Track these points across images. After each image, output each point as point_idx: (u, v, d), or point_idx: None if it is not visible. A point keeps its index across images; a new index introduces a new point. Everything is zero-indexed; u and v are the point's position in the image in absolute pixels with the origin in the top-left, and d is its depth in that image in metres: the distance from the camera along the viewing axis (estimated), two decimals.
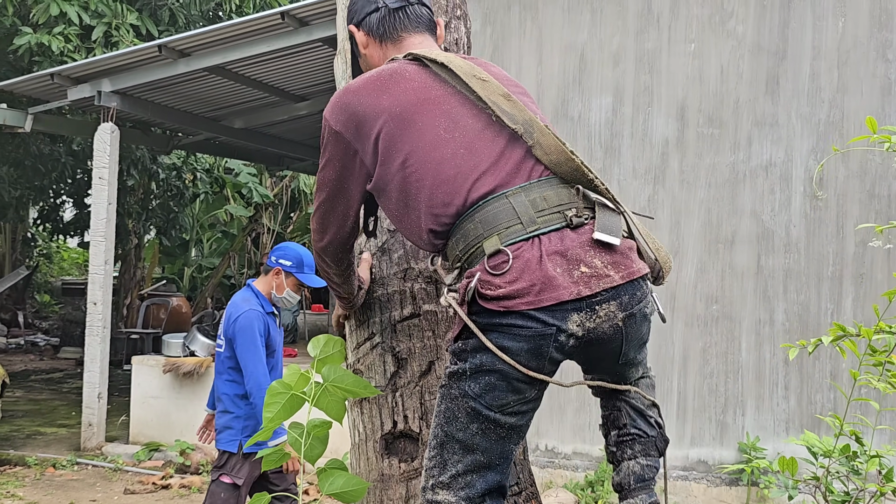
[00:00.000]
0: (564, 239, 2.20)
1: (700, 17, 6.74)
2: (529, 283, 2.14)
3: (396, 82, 2.34)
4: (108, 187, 8.73)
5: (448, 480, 2.27)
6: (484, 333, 2.17)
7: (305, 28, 7.79)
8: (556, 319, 2.14)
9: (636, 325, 2.29)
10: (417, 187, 2.27)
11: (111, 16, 10.12)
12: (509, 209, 2.22)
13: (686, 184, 6.74)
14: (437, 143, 2.27)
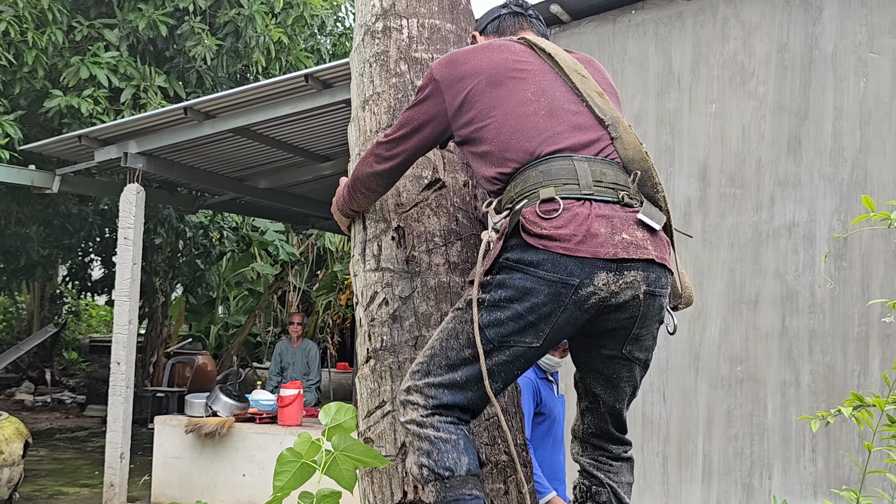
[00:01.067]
0: (613, 210, 2.40)
1: (721, 78, 6.75)
2: (572, 232, 2.34)
3: (501, 51, 2.65)
4: (133, 247, 8.79)
5: (423, 387, 2.46)
6: (507, 271, 2.39)
7: (329, 90, 7.87)
8: (584, 273, 2.33)
9: (653, 307, 2.47)
10: (495, 134, 2.52)
11: (139, 78, 10.27)
12: (571, 169, 2.43)
13: (709, 244, 6.70)
14: (522, 102, 2.53)
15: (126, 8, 10.47)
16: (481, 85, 2.58)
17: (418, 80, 2.99)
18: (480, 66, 2.60)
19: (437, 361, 2.48)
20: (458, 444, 2.42)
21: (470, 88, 2.58)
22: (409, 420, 2.47)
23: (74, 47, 10.58)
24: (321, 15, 11.43)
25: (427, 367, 2.49)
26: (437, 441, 2.41)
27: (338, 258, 17.06)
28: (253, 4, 10.46)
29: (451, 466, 2.39)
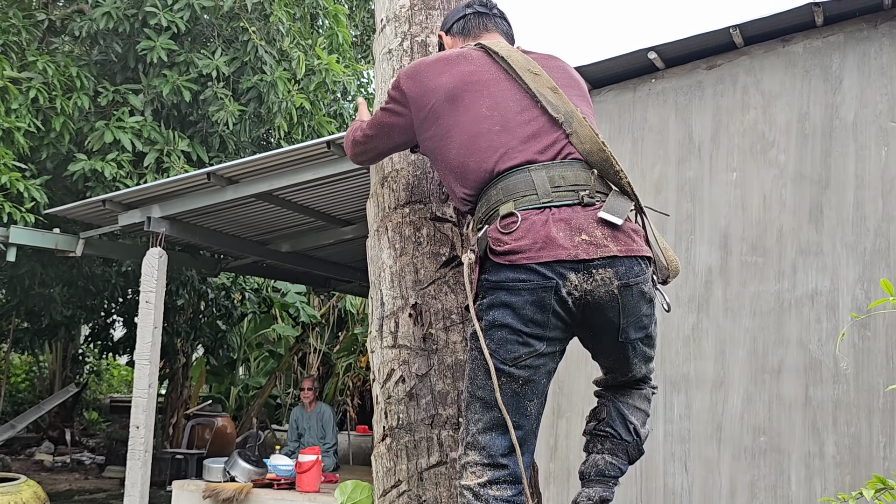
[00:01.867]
0: (573, 212, 2.52)
1: (741, 147, 6.75)
2: (532, 241, 2.46)
3: (459, 63, 2.76)
4: (155, 311, 8.82)
5: (472, 440, 2.50)
6: (492, 292, 2.50)
7: None
8: (555, 275, 2.45)
9: (632, 298, 2.56)
10: (455, 155, 2.65)
11: (163, 143, 10.38)
12: (529, 181, 2.54)
13: (731, 312, 6.66)
14: (477, 119, 2.64)
15: (151, 74, 10.61)
16: (441, 101, 2.70)
17: None
18: (441, 82, 2.73)
19: (473, 412, 2.52)
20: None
21: (432, 104, 2.71)
22: (466, 486, 2.50)
23: (100, 112, 10.72)
24: (343, 81, 11.55)
25: (466, 422, 2.53)
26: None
27: (358, 320, 17.06)
28: (276, 71, 10.58)
29: None
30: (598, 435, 2.81)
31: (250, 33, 10.55)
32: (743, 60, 6.87)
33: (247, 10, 10.40)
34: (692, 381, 6.73)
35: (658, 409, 6.80)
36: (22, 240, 9.28)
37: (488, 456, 2.47)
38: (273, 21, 10.58)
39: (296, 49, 10.90)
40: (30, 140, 9.95)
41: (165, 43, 10.25)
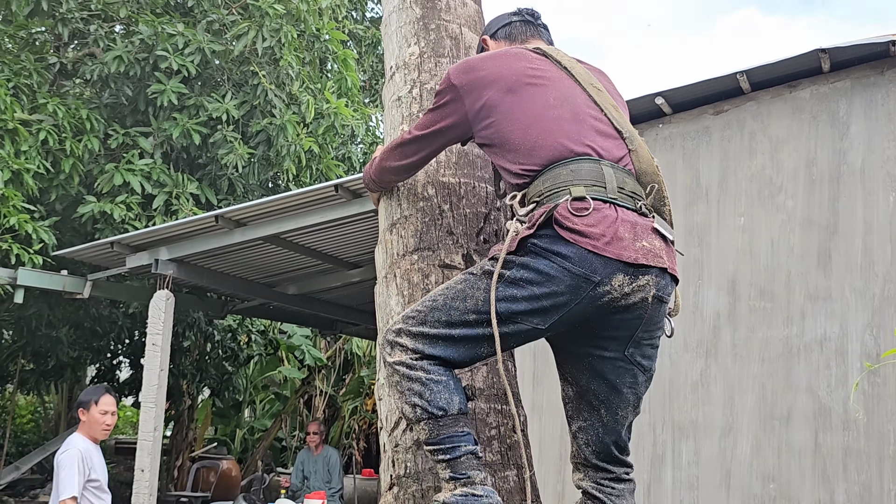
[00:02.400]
0: (635, 217, 2.55)
1: (749, 192, 6.76)
2: (602, 232, 2.47)
3: (515, 59, 2.78)
4: (161, 354, 8.81)
5: (416, 334, 2.55)
6: (535, 256, 2.50)
7: (358, 200, 7.94)
8: (605, 272, 2.47)
9: (657, 315, 2.61)
10: (522, 135, 2.64)
11: (172, 185, 10.43)
12: (599, 172, 2.57)
13: (739, 358, 6.62)
14: (546, 107, 2.67)
15: (161, 117, 10.68)
16: (500, 92, 2.70)
17: (446, 204, 3.02)
18: (498, 73, 2.73)
19: (436, 315, 2.56)
20: (448, 384, 2.52)
21: (489, 95, 2.71)
22: (397, 361, 2.56)
23: (110, 154, 10.78)
24: (352, 125, 11.62)
25: (424, 317, 2.57)
26: (429, 382, 2.51)
27: (365, 363, 17.01)
28: (285, 114, 10.65)
29: (443, 406, 2.50)
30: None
31: (260, 77, 10.63)
32: (750, 106, 6.90)
33: (257, 54, 10.48)
34: (700, 428, 6.69)
35: (666, 455, 6.75)
36: (30, 282, 9.29)
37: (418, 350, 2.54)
38: (283, 65, 10.67)
39: (305, 93, 10.98)
40: (39, 182, 10.00)
41: (176, 87, 10.33)
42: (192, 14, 11.25)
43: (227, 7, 11.02)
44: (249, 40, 10.30)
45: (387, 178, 3.06)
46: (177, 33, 10.48)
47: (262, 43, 10.29)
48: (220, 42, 10.75)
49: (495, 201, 3.09)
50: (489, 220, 3.02)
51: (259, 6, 10.28)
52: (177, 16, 11.10)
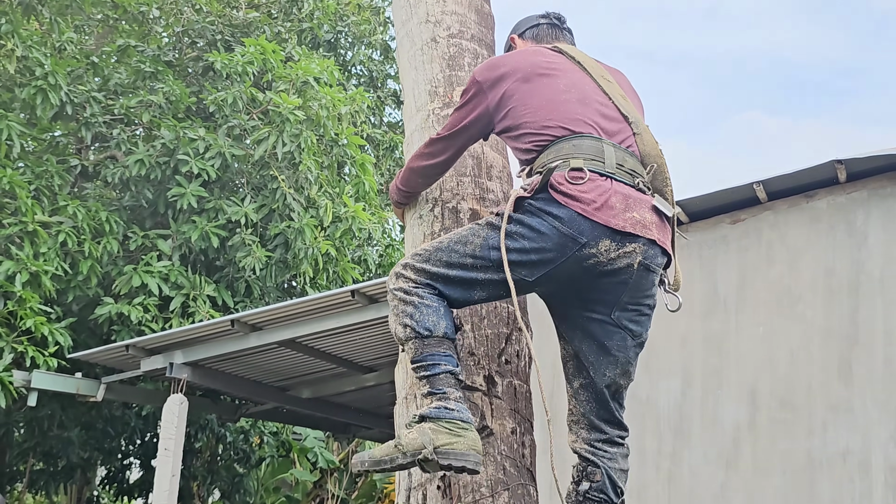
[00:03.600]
0: (630, 191, 2.78)
1: (767, 301, 6.72)
2: (593, 199, 2.71)
3: (532, 55, 3.07)
4: (174, 459, 8.72)
5: (420, 269, 2.82)
6: (530, 214, 2.77)
7: (374, 305, 7.94)
8: (592, 236, 2.70)
9: (644, 282, 2.82)
10: (532, 115, 2.90)
11: (189, 287, 10.46)
12: (599, 149, 2.81)
13: (760, 470, 6.50)
14: (556, 91, 2.93)
15: (180, 220, 10.78)
16: (517, 82, 2.97)
17: (467, 324, 3.03)
18: (516, 67, 3.01)
19: (439, 255, 2.83)
20: (438, 310, 2.77)
21: (508, 86, 2.97)
22: (397, 288, 2.84)
23: (128, 256, 10.85)
24: (369, 228, 11.70)
25: (428, 255, 2.84)
26: (421, 305, 2.77)
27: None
28: (303, 218, 10.74)
29: (430, 327, 2.74)
30: (592, 500, 2.91)
31: (279, 181, 10.75)
32: (767, 215, 6.91)
33: (277, 158, 10.62)
34: None
35: None
36: (44, 385, 9.27)
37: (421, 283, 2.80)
38: (302, 169, 10.79)
39: (323, 197, 11.09)
40: (57, 283, 10.04)
41: (196, 190, 10.45)
42: (213, 119, 11.45)
43: (248, 112, 11.20)
44: (270, 145, 10.45)
45: (414, 181, 3.29)
46: (198, 138, 10.65)
47: (282, 148, 10.43)
48: (240, 146, 10.92)
49: (517, 321, 3.07)
50: (511, 341, 3.00)
51: (280, 112, 10.45)
52: (198, 120, 11.28)
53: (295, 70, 10.98)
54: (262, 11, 12.97)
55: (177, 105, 11.33)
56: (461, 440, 2.61)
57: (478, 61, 3.53)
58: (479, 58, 3.56)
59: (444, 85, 3.44)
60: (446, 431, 2.62)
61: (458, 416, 2.64)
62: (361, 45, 13.79)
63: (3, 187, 9.78)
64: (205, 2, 12.39)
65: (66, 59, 11.67)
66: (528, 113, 2.92)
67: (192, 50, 12.63)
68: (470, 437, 2.64)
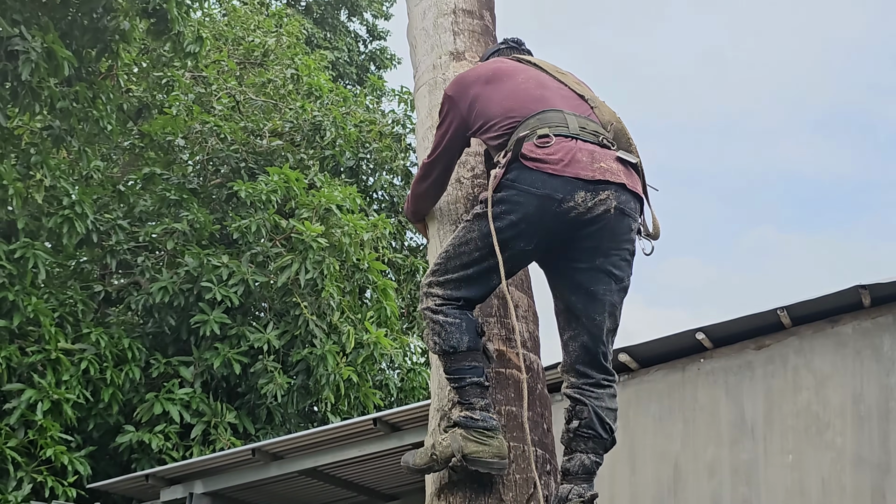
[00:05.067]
0: (595, 148, 3.10)
1: (796, 428, 6.63)
2: (560, 157, 3.02)
3: (493, 63, 3.51)
4: None
5: (443, 280, 3.13)
6: (507, 189, 3.05)
7: (397, 433, 7.88)
8: (566, 191, 2.99)
9: (621, 224, 3.08)
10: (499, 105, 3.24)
11: (210, 415, 10.43)
12: (563, 119, 3.15)
13: None
14: (517, 83, 3.31)
15: (203, 346, 10.80)
16: (482, 85, 3.33)
17: None
18: (479, 74, 3.40)
19: (452, 263, 3.12)
20: (461, 326, 3.07)
21: (474, 91, 3.33)
22: (426, 308, 3.14)
23: (150, 383, 10.85)
24: (391, 353, 11.69)
25: (445, 268, 3.14)
26: (446, 325, 3.07)
27: None
28: (325, 344, 10.75)
29: (454, 345, 3.05)
30: (582, 436, 3.15)
31: (302, 308, 10.80)
32: (792, 341, 6.87)
33: (299, 285, 10.68)
34: None
35: None
36: None
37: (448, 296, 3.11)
38: (325, 296, 10.85)
39: (345, 323, 11.11)
40: (78, 411, 10.03)
41: (219, 317, 10.51)
42: (236, 245, 11.57)
43: (272, 239, 11.33)
44: (293, 272, 10.54)
45: (420, 204, 3.66)
46: (221, 265, 10.76)
47: (304, 275, 10.51)
48: (263, 273, 11.00)
49: (545, 464, 3.05)
50: (538, 487, 2.96)
51: (303, 239, 10.56)
52: (221, 248, 11.41)
53: (318, 197, 11.15)
54: (285, 139, 13.20)
55: (201, 232, 11.48)
56: (487, 448, 2.93)
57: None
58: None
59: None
60: (474, 440, 2.95)
61: (482, 425, 2.96)
62: (383, 171, 14.00)
63: (28, 315, 9.86)
64: (229, 131, 12.65)
65: (93, 187, 11.90)
66: (493, 106, 3.26)
67: (216, 177, 12.85)
68: (494, 444, 2.95)
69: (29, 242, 10.06)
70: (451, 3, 4.01)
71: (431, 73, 3.93)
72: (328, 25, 21.50)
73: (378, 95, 17.02)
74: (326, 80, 14.65)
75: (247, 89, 13.83)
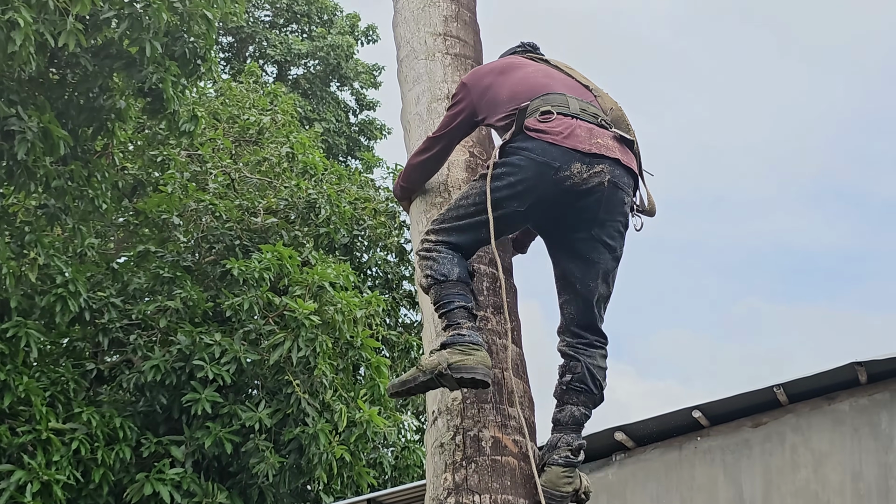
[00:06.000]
0: (593, 126, 3.43)
1: None
2: (560, 130, 3.36)
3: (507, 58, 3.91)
4: None
5: (438, 228, 3.48)
6: (510, 154, 3.41)
7: None
8: (564, 160, 3.31)
9: (615, 199, 3.40)
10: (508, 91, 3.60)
11: (201, 495, 10.29)
12: (564, 100, 3.49)
13: None
14: (526, 74, 3.68)
15: (194, 425, 10.69)
16: (495, 75, 3.71)
17: None
18: (494, 67, 3.82)
19: (450, 213, 3.47)
20: (452, 260, 3.39)
21: (489, 82, 3.69)
22: (421, 249, 3.47)
23: (141, 463, 10.71)
24: (384, 432, 11.57)
25: (444, 216, 3.49)
26: (439, 258, 3.40)
27: None
28: (318, 423, 10.65)
29: (445, 273, 3.36)
30: (574, 390, 3.46)
31: (294, 386, 10.71)
32: (789, 419, 6.84)
33: (292, 363, 10.62)
34: None
35: None
36: None
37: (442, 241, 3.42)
38: (317, 374, 10.77)
39: (338, 401, 11.02)
40: (68, 492, 9.88)
41: (210, 395, 10.41)
42: (229, 323, 11.52)
43: (265, 316, 11.29)
44: (285, 350, 10.47)
45: (413, 175, 3.94)
46: (214, 343, 10.69)
47: (297, 353, 10.44)
48: (255, 351, 10.94)
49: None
50: None
51: (296, 317, 10.52)
52: (214, 325, 11.37)
53: (311, 275, 11.13)
54: (279, 217, 13.24)
55: (194, 310, 11.44)
56: (471, 357, 3.14)
57: None
58: None
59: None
60: (459, 352, 3.16)
61: (468, 340, 3.19)
62: (377, 247, 14.02)
63: (19, 394, 9.76)
64: (224, 209, 12.67)
65: (87, 265, 11.87)
66: (503, 92, 3.62)
67: (210, 254, 12.85)
68: (479, 355, 3.17)
69: (21, 321, 10.01)
70: (445, 89, 4.07)
71: None
72: (316, 97, 21.70)
73: (369, 166, 17.16)
74: (321, 158, 14.75)
75: (242, 167, 13.91)
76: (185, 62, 10.55)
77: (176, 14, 10.09)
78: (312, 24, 23.06)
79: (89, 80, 10.19)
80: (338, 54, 21.84)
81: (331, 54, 21.78)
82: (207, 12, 10.23)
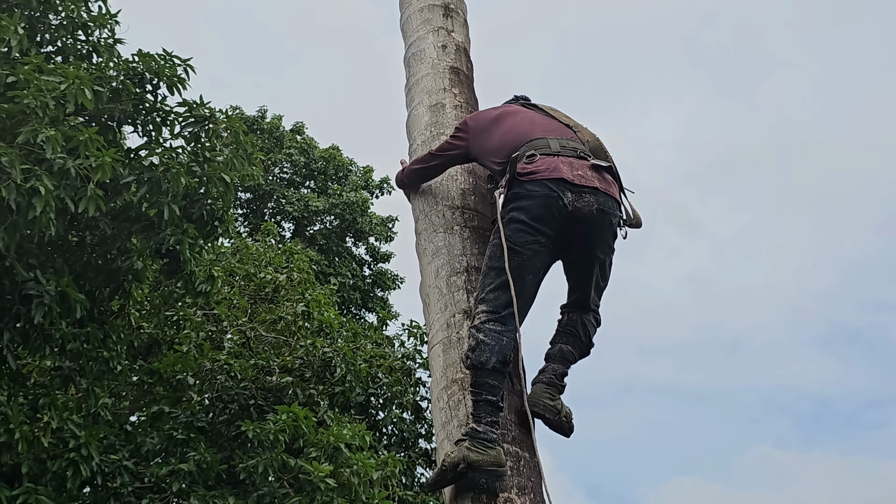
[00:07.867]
0: (573, 160, 4.12)
1: None
2: (545, 167, 4.05)
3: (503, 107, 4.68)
4: None
5: (484, 296, 3.92)
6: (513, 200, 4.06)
7: None
8: (559, 190, 3.99)
9: (603, 220, 4.13)
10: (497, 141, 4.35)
11: None
12: (546, 143, 4.19)
13: None
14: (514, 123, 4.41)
15: None
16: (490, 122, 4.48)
17: None
18: (489, 115, 4.57)
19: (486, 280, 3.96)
20: (493, 347, 3.77)
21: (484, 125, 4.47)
22: (473, 326, 3.89)
23: None
24: None
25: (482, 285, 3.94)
26: (481, 342, 3.79)
27: None
28: None
29: (482, 362, 3.75)
30: (566, 332, 4.34)
31: None
32: None
33: None
34: None
35: None
36: None
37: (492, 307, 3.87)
38: None
39: None
40: None
41: None
42: (243, 486, 11.29)
43: (279, 479, 11.07)
44: None
45: (412, 178, 4.80)
46: None
47: None
48: None
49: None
50: None
51: (311, 480, 10.32)
52: (227, 488, 11.13)
53: (326, 436, 10.97)
54: (294, 375, 13.13)
55: (207, 472, 11.22)
56: (486, 458, 3.58)
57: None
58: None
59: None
60: (475, 450, 3.60)
61: (482, 437, 3.63)
62: (393, 405, 13.87)
63: None
64: (239, 368, 12.58)
65: (100, 426, 11.71)
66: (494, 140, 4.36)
67: (225, 413, 12.68)
68: (492, 454, 3.60)
69: (32, 488, 9.79)
70: (465, 262, 4.13)
71: (445, 331, 3.98)
72: (332, 252, 21.86)
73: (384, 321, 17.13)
74: (336, 316, 14.73)
75: (257, 326, 13.88)
76: (202, 224, 10.61)
77: (194, 177, 10.22)
78: (329, 179, 23.44)
79: (108, 243, 10.24)
80: (353, 210, 22.13)
81: (346, 210, 22.07)
82: (225, 175, 10.35)
